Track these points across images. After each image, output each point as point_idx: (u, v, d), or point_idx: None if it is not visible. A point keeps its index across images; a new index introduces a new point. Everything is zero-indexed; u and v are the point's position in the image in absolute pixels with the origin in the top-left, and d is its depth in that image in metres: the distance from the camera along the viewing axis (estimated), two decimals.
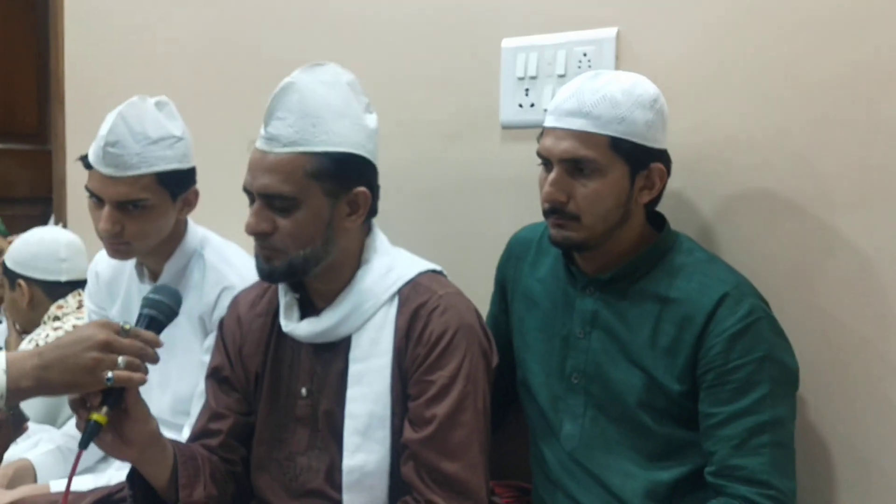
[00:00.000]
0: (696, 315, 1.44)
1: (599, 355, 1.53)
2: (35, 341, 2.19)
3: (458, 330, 1.50)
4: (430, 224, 2.05)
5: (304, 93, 1.47)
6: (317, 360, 1.58)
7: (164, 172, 1.78)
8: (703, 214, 1.68)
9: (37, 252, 2.36)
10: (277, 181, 1.44)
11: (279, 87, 1.48)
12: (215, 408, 1.65)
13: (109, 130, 1.74)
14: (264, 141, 1.47)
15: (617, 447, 1.52)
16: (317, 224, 1.48)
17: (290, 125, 1.45)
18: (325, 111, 1.47)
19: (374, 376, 1.51)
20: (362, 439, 1.50)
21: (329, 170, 1.46)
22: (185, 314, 1.86)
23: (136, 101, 1.78)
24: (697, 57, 1.67)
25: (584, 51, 1.78)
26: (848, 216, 1.54)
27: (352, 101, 1.52)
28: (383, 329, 1.52)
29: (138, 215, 1.78)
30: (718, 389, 1.42)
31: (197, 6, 2.46)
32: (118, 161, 1.74)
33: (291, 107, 1.46)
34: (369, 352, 1.52)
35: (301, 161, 1.45)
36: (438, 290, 1.54)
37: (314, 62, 1.52)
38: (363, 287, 1.53)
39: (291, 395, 1.60)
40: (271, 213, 1.47)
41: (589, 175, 1.45)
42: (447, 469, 1.44)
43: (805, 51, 1.57)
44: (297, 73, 1.50)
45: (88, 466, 2.00)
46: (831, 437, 1.58)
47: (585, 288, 1.56)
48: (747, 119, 1.63)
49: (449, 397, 1.47)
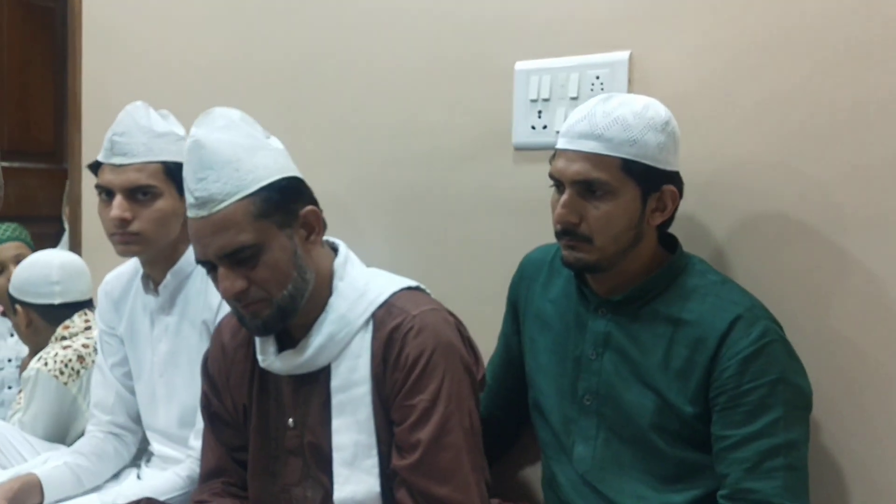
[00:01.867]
0: (709, 337, 1.44)
1: (612, 377, 1.53)
2: (44, 359, 2.20)
3: (434, 349, 1.45)
4: (441, 244, 2.05)
5: (211, 145, 1.43)
6: (298, 392, 1.55)
7: (171, 163, 1.83)
8: (715, 236, 1.68)
9: (28, 277, 2.35)
10: (232, 236, 1.40)
11: (186, 150, 1.45)
12: (217, 446, 1.66)
13: (116, 123, 1.84)
14: (197, 207, 1.43)
15: (629, 469, 1.52)
16: (286, 259, 1.44)
17: (216, 180, 1.41)
18: (238, 152, 1.43)
19: (356, 405, 1.49)
20: (350, 470, 1.48)
21: (273, 202, 1.43)
22: (189, 322, 1.88)
23: (140, 104, 1.87)
24: (710, 80, 1.68)
25: (597, 74, 1.78)
26: (860, 238, 1.54)
27: (254, 134, 1.49)
28: (360, 356, 1.49)
29: (148, 203, 1.82)
30: (731, 412, 1.41)
31: (214, 25, 2.48)
32: (126, 149, 1.81)
33: (207, 163, 1.42)
34: (348, 381, 1.49)
35: (244, 207, 1.41)
36: (412, 310, 1.50)
37: (203, 113, 1.49)
38: (336, 315, 1.50)
39: (280, 427, 1.58)
40: (239, 269, 1.42)
41: (601, 197, 1.45)
42: (439, 493, 1.42)
43: (815, 77, 1.57)
44: (193, 129, 1.46)
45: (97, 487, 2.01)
46: (844, 460, 1.57)
47: (598, 309, 1.56)
48: (759, 141, 1.63)
49: (432, 421, 1.43)
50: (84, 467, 1.96)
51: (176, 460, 1.92)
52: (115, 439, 2.03)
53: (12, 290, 2.37)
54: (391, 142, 2.13)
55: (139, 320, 1.98)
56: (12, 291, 2.37)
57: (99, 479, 1.99)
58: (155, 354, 1.94)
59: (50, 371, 2.16)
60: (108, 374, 2.03)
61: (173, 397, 1.92)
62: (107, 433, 2.02)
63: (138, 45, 2.69)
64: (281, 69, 2.32)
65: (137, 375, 2.00)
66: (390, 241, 1.61)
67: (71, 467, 1.94)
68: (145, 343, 1.97)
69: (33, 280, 2.34)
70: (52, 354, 2.20)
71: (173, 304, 1.91)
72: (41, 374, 2.17)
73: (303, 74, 2.26)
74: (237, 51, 2.43)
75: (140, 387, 2.00)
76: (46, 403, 2.16)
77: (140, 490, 1.79)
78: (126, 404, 2.03)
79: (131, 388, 2.03)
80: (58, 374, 2.16)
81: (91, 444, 2.00)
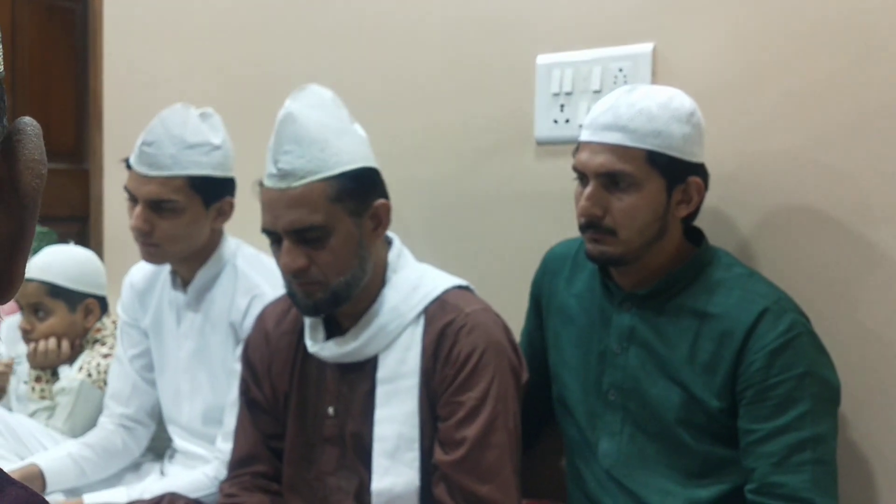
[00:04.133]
0: (736, 331, 1.42)
1: (637, 371, 1.52)
2: (86, 370, 2.17)
3: (486, 349, 1.48)
4: (464, 239, 2.05)
5: (302, 121, 1.45)
6: (342, 381, 1.56)
7: (197, 177, 1.80)
8: (741, 229, 1.66)
9: (95, 268, 2.30)
10: (305, 214, 1.43)
11: (278, 121, 1.46)
12: (253, 432, 1.66)
13: (147, 131, 1.80)
14: (278, 178, 1.45)
15: (655, 464, 1.50)
16: (350, 247, 1.47)
17: (301, 156, 1.44)
18: (327, 133, 1.46)
19: (402, 397, 1.50)
20: (391, 462, 1.48)
21: (349, 189, 1.45)
22: (216, 322, 1.88)
23: (178, 107, 1.83)
24: (735, 73, 1.66)
25: (620, 66, 1.77)
26: (888, 229, 1.52)
27: (343, 117, 1.52)
28: (410, 349, 1.51)
29: (169, 217, 1.80)
30: (758, 406, 1.40)
31: (235, 25, 2.48)
32: (152, 160, 1.78)
33: (296, 138, 1.44)
34: (396, 372, 1.51)
35: (322, 188, 1.44)
36: (465, 308, 1.52)
37: (298, 88, 1.51)
38: (389, 306, 1.52)
39: (319, 415, 1.59)
40: (304, 247, 1.45)
41: (625, 189, 1.44)
42: (480, 491, 1.43)
43: (841, 67, 1.55)
44: (288, 102, 1.48)
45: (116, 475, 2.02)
46: (873, 455, 1.55)
47: (622, 303, 1.55)
48: (784, 132, 1.62)
49: (479, 419, 1.45)
50: (89, 458, 1.96)
51: (199, 457, 1.93)
52: (125, 432, 2.02)
53: (76, 285, 2.27)
54: (414, 138, 2.12)
55: (166, 315, 1.98)
56: (77, 286, 2.27)
57: (104, 473, 1.99)
58: (180, 350, 1.94)
59: (94, 382, 2.16)
60: (126, 366, 2.03)
61: (197, 394, 1.93)
62: (118, 426, 2.02)
63: (159, 46, 2.70)
64: (302, 69, 2.32)
65: (161, 370, 2.00)
66: (414, 237, 1.61)
67: (74, 458, 1.94)
68: (171, 338, 1.97)
69: (96, 271, 2.31)
70: (93, 364, 2.18)
71: (201, 303, 1.91)
72: (85, 385, 2.15)
73: (325, 73, 2.25)
74: (258, 51, 2.43)
75: (164, 381, 2.00)
76: (89, 413, 2.15)
77: (166, 486, 1.80)
78: (142, 397, 2.03)
79: (150, 381, 2.03)
80: (102, 385, 2.15)
81: (99, 437, 2.01)
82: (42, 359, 2.21)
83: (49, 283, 2.22)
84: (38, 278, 2.21)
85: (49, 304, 2.22)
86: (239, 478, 1.66)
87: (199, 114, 1.85)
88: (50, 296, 2.22)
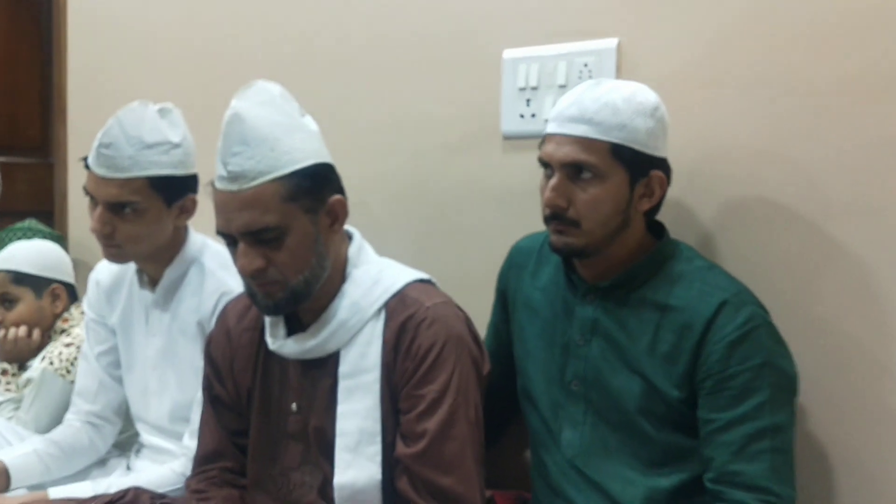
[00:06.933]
0: (696, 322, 1.45)
1: (599, 362, 1.54)
2: (48, 358, 2.17)
3: (446, 342, 1.47)
4: (431, 233, 2.06)
5: (250, 120, 1.42)
6: (305, 376, 1.56)
7: (157, 177, 1.78)
8: (702, 223, 1.69)
9: (61, 257, 2.33)
10: (258, 215, 1.40)
11: (225, 122, 1.44)
12: (217, 428, 1.66)
13: (104, 132, 1.77)
14: (228, 181, 1.42)
15: (617, 454, 1.52)
16: (307, 244, 1.45)
17: (250, 157, 1.41)
18: (276, 131, 1.43)
19: (364, 392, 1.50)
20: (353, 456, 1.49)
21: (303, 187, 1.43)
22: (184, 321, 1.87)
23: (135, 105, 1.80)
24: (696, 67, 1.69)
25: (585, 61, 1.79)
26: (846, 224, 1.55)
27: (293, 112, 1.49)
28: (371, 344, 1.50)
29: (130, 218, 1.78)
30: (717, 396, 1.42)
31: (200, 18, 2.48)
32: (110, 162, 1.75)
33: (243, 138, 1.42)
34: (357, 367, 1.50)
35: (274, 188, 1.41)
36: (426, 302, 1.51)
37: (244, 85, 1.48)
38: (349, 302, 1.51)
39: (282, 411, 1.59)
40: (260, 248, 1.43)
41: (589, 181, 1.46)
42: (442, 483, 1.43)
43: (802, 61, 1.58)
44: (234, 101, 1.45)
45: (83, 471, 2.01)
46: (830, 445, 1.58)
47: (586, 296, 1.57)
48: (746, 129, 1.64)
49: (440, 411, 1.45)
50: (54, 456, 1.95)
51: (166, 451, 1.93)
52: (92, 430, 2.02)
53: (43, 271, 2.30)
54: (379, 133, 2.13)
55: (134, 313, 1.97)
56: (44, 272, 2.30)
57: (69, 470, 1.99)
58: (148, 348, 1.94)
59: (57, 370, 2.15)
60: (93, 363, 2.03)
61: (165, 392, 1.92)
62: (84, 423, 2.02)
63: (124, 39, 2.69)
64: (267, 62, 2.32)
65: (129, 367, 2.00)
66: (379, 233, 1.62)
67: (40, 455, 1.93)
68: (139, 336, 1.96)
69: (59, 257, 2.32)
70: (55, 353, 2.18)
71: (169, 302, 1.90)
72: (47, 373, 2.15)
73: (288, 67, 2.25)
74: (223, 44, 2.43)
75: (131, 379, 1.99)
76: (51, 402, 2.14)
77: (132, 481, 1.79)
78: (109, 394, 2.03)
79: (117, 378, 2.02)
80: (64, 373, 2.15)
81: (66, 434, 2.00)
82: (12, 347, 2.21)
83: (12, 272, 2.23)
84: (1, 268, 2.22)
85: (14, 292, 2.24)
86: (206, 473, 1.66)
87: (158, 109, 1.82)
88: (14, 283, 2.24)
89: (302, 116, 1.51)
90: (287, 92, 1.52)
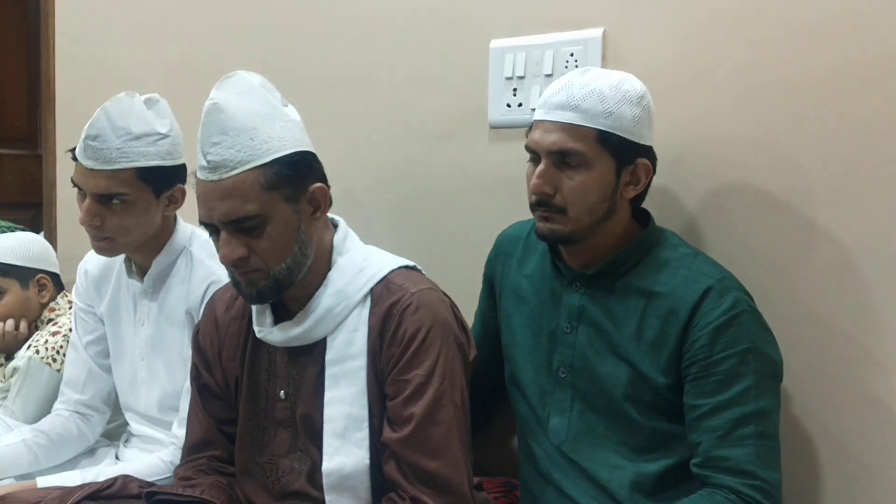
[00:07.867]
0: (681, 309, 1.46)
1: (586, 349, 1.55)
2: (34, 347, 2.18)
3: (431, 327, 1.48)
4: (418, 224, 2.06)
5: (229, 110, 1.43)
6: (292, 364, 1.57)
7: (146, 168, 1.78)
8: (687, 211, 1.70)
9: (45, 247, 2.34)
10: (238, 204, 1.41)
11: (204, 112, 1.44)
12: (205, 417, 1.66)
13: (91, 124, 1.77)
14: (208, 170, 1.43)
15: (604, 440, 1.54)
16: (289, 233, 1.46)
17: (230, 146, 1.41)
18: (255, 121, 1.44)
19: (350, 378, 1.50)
20: (341, 442, 1.49)
21: (283, 176, 1.43)
22: (173, 310, 1.88)
23: (122, 96, 1.80)
24: (682, 57, 1.70)
25: (571, 51, 1.80)
26: (828, 211, 1.56)
27: (273, 102, 1.49)
28: (357, 331, 1.51)
29: (118, 209, 1.78)
30: (703, 381, 1.43)
31: (189, 9, 2.47)
32: (98, 154, 1.75)
33: (222, 128, 1.42)
34: (344, 354, 1.51)
35: (254, 177, 1.42)
36: (411, 288, 1.52)
37: (225, 76, 1.49)
38: (334, 289, 1.52)
39: (270, 399, 1.59)
40: (241, 237, 1.43)
41: (576, 168, 1.47)
42: (429, 467, 1.44)
43: (786, 52, 1.59)
44: (213, 92, 1.46)
45: (72, 460, 2.01)
46: (813, 430, 1.60)
47: (572, 283, 1.58)
48: (730, 118, 1.65)
49: (426, 395, 1.46)
50: (43, 445, 1.95)
51: (155, 440, 1.93)
52: (80, 419, 2.02)
53: (29, 262, 2.31)
54: (366, 122, 2.13)
55: (123, 302, 1.97)
56: (30, 263, 2.31)
57: (57, 460, 1.99)
58: (137, 337, 1.94)
59: (43, 359, 2.15)
60: (81, 352, 2.03)
61: (154, 381, 1.92)
62: (73, 412, 2.02)
63: (112, 29, 2.68)
64: (254, 51, 2.32)
65: (117, 356, 2.00)
66: (366, 221, 1.63)
67: (29, 445, 1.93)
68: (128, 325, 1.96)
69: (43, 248, 2.32)
70: (42, 342, 2.18)
71: (158, 291, 1.91)
72: (34, 362, 2.15)
73: (277, 59, 2.26)
74: (211, 35, 2.43)
75: (120, 368, 1.99)
76: (38, 390, 2.15)
77: (121, 470, 1.79)
78: (98, 383, 2.03)
79: (105, 367, 2.03)
80: (50, 362, 2.15)
81: (54, 424, 2.00)
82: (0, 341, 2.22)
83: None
84: None
85: (1, 284, 2.24)
86: (194, 462, 1.66)
87: (145, 100, 1.82)
88: (0, 275, 2.24)
89: (283, 106, 1.51)
90: (268, 82, 1.52)
